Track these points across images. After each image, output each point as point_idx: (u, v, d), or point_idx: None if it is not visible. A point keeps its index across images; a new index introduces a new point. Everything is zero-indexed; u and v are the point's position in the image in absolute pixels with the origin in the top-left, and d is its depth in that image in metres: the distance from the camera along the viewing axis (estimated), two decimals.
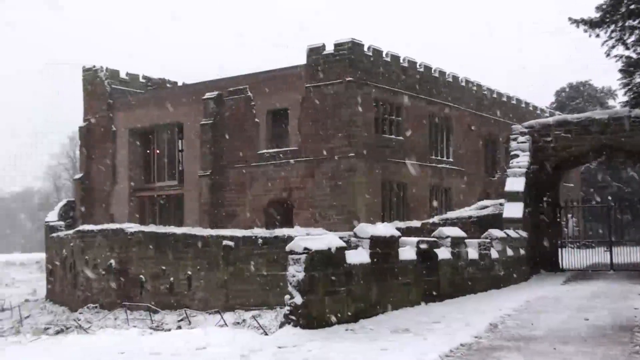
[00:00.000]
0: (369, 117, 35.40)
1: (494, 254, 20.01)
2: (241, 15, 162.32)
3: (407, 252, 14.95)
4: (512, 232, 22.86)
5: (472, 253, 18.44)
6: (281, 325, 12.16)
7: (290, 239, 15.88)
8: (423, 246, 15.50)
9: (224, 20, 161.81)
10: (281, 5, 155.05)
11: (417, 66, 38.94)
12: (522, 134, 27.73)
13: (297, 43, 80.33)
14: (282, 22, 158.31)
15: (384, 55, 36.45)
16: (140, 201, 45.00)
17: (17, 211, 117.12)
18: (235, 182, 38.35)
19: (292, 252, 11.89)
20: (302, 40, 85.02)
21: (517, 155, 27.10)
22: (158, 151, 44.85)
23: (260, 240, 26.21)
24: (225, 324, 22.70)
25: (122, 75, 47.62)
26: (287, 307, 11.88)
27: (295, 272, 11.73)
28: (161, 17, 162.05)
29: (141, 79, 48.76)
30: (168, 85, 49.93)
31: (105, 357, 11.23)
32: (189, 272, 28.28)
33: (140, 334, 15.90)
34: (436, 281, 16.14)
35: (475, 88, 44.47)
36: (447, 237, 17.32)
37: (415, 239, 15.74)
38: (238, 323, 23.34)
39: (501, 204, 26.76)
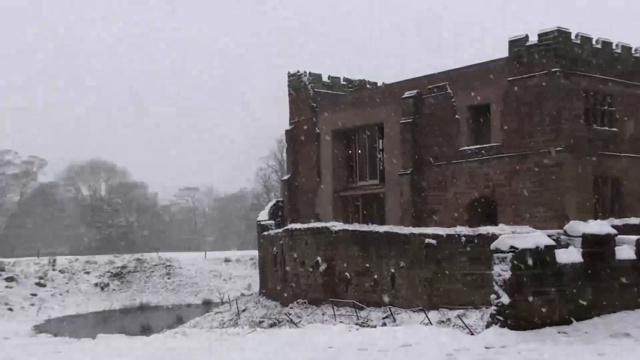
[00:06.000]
0: (578, 108, 33.46)
1: None
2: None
3: (625, 251, 14.01)
4: None
5: None
6: (487, 325, 11.91)
7: (494, 237, 15.49)
8: None
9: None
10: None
11: (633, 51, 36.12)
12: None
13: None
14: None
15: (593, 42, 34.25)
16: (343, 200, 46.23)
17: (233, 211, 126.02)
18: (436, 180, 38.10)
19: (497, 251, 11.61)
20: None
21: None
22: (360, 151, 45.79)
23: (463, 239, 25.84)
24: (430, 322, 22.66)
25: (324, 78, 49.29)
26: (494, 307, 11.62)
27: (501, 271, 11.43)
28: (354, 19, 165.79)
29: (342, 82, 50.11)
30: (368, 86, 50.81)
31: (315, 350, 11.66)
32: (392, 270, 28.61)
33: (347, 330, 16.34)
34: None
35: None
36: None
37: (634, 237, 14.70)
38: (442, 322, 23.19)
39: None
